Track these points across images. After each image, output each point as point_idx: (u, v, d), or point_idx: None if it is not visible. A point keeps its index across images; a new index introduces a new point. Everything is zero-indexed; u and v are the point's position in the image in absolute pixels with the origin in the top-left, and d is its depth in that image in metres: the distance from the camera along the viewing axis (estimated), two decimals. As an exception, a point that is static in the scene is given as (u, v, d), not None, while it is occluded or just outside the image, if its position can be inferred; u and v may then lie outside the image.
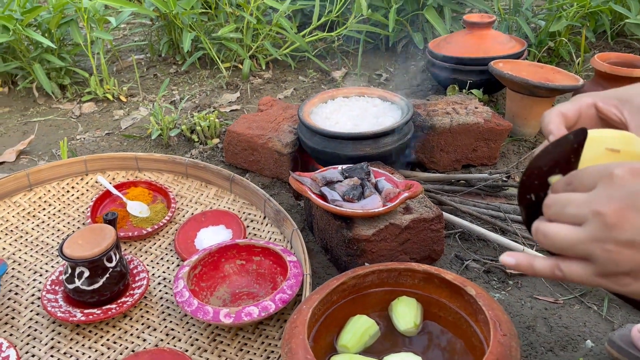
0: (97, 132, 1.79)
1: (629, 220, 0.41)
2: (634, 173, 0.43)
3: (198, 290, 1.02)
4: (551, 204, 0.48)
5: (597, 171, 0.45)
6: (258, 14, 2.12)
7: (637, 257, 0.41)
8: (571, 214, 0.45)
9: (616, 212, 0.41)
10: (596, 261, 0.43)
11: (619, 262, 0.41)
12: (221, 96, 2.01)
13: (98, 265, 0.97)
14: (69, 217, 1.23)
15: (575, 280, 0.45)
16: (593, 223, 0.43)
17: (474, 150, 1.45)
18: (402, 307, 0.89)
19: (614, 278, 0.42)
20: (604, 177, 0.44)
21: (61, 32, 1.99)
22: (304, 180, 1.10)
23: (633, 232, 0.40)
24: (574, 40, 2.12)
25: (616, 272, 0.42)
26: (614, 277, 0.42)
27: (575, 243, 0.44)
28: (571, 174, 0.49)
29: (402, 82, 2.06)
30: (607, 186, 0.43)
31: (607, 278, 0.43)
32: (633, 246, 0.41)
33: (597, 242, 0.42)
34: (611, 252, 0.41)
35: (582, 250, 0.44)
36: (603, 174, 0.44)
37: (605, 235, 0.42)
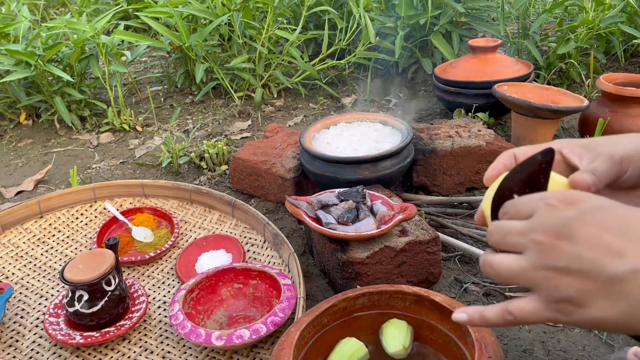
0: (112, 161, 1.85)
1: (563, 248, 0.42)
2: (567, 202, 0.44)
3: (195, 314, 1.04)
4: (493, 231, 0.49)
5: (533, 200, 0.47)
6: (269, 44, 2.17)
7: (574, 284, 0.42)
8: (511, 242, 0.47)
9: (551, 241, 0.43)
10: (540, 289, 0.44)
11: (559, 288, 0.42)
12: (233, 124, 2.06)
13: (97, 289, 1.00)
14: (76, 243, 1.27)
15: (526, 318, 0.46)
16: (532, 251, 0.44)
17: (477, 172, 1.45)
18: (392, 329, 0.88)
19: (559, 306, 0.43)
20: (539, 206, 0.46)
21: (81, 66, 2.09)
22: (300, 204, 1.12)
23: (567, 260, 0.42)
24: (585, 62, 2.11)
25: (559, 299, 0.43)
26: (559, 305, 0.43)
27: (518, 272, 0.45)
28: (506, 203, 0.51)
29: (411, 107, 2.08)
30: (543, 215, 0.45)
31: (553, 308, 0.44)
32: (569, 273, 0.42)
33: (538, 270, 0.44)
34: (551, 279, 0.43)
35: (526, 278, 0.45)
36: (539, 203, 0.46)
37: (544, 263, 0.43)
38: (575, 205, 0.44)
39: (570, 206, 0.44)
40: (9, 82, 2.08)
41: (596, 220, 0.42)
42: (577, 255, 0.41)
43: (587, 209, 0.43)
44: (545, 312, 0.44)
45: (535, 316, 0.45)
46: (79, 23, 1.98)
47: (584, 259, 0.41)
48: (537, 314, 0.45)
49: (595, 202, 0.44)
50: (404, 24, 2.06)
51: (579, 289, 0.41)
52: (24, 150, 2.01)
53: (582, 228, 0.42)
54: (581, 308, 0.42)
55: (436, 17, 2.12)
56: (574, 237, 0.42)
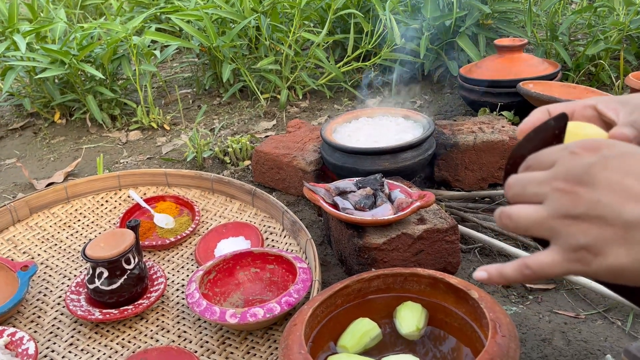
0: (139, 157, 1.89)
1: (583, 194, 0.41)
2: (588, 148, 0.43)
3: (212, 295, 1.05)
4: (512, 184, 0.48)
5: (555, 150, 0.46)
6: (296, 47, 2.20)
7: (592, 230, 0.40)
8: (532, 192, 0.46)
9: (571, 187, 0.42)
10: (558, 238, 0.43)
11: (577, 236, 0.41)
12: (258, 124, 2.08)
13: (116, 266, 1.02)
14: (100, 228, 1.30)
15: (545, 270, 0.44)
16: (552, 199, 0.43)
17: (500, 168, 1.43)
18: (406, 311, 0.88)
19: (577, 255, 0.42)
20: (561, 155, 0.45)
21: (113, 66, 2.15)
22: (318, 190, 1.12)
23: (586, 206, 0.41)
24: (615, 65, 2.06)
25: (577, 247, 0.41)
26: (577, 253, 0.42)
27: (537, 220, 0.44)
28: (529, 157, 0.50)
29: (435, 108, 2.07)
30: (564, 162, 0.44)
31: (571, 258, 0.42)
32: (587, 219, 0.41)
33: (557, 218, 0.43)
34: (569, 226, 0.42)
35: (546, 227, 0.44)
36: (561, 152, 0.45)
37: (563, 210, 0.42)
38: (598, 151, 0.42)
39: (592, 152, 0.42)
40: (44, 81, 2.16)
41: (618, 165, 0.41)
42: (596, 200, 0.40)
43: (610, 155, 0.42)
44: (563, 262, 0.43)
45: (553, 267, 0.44)
46: (112, 24, 2.05)
47: (602, 204, 0.40)
48: (555, 265, 0.43)
49: (619, 147, 0.43)
50: (429, 26, 2.06)
51: (597, 235, 0.40)
52: (56, 146, 2.08)
53: (603, 173, 0.41)
54: (599, 256, 0.40)
55: (462, 20, 2.11)
56: (594, 183, 0.41)
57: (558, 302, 1.04)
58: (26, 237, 1.26)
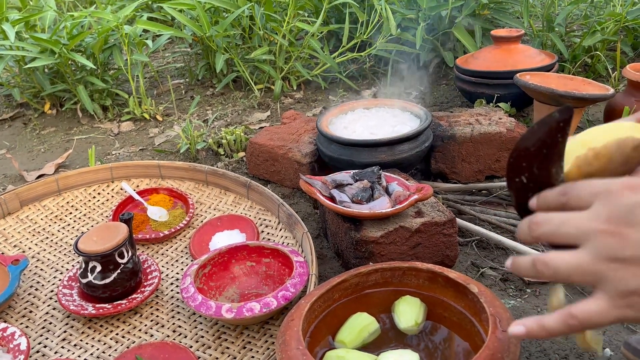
0: (131, 148, 1.86)
1: (630, 236, 0.39)
2: (631, 187, 0.41)
3: (207, 289, 1.03)
4: (541, 222, 0.46)
5: (593, 187, 0.44)
6: (290, 37, 2.17)
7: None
8: (569, 233, 0.43)
9: (616, 229, 0.40)
10: (605, 284, 0.41)
11: (627, 280, 0.39)
12: (252, 115, 2.06)
13: (110, 260, 1.00)
14: (93, 221, 1.28)
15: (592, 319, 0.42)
16: (594, 242, 0.41)
17: (497, 160, 1.42)
18: (405, 305, 0.87)
19: (628, 300, 0.40)
20: (600, 194, 0.43)
21: (104, 56, 2.11)
22: (314, 182, 1.11)
23: (634, 248, 0.39)
24: (612, 56, 2.06)
25: (627, 292, 0.39)
26: (627, 298, 0.40)
27: (580, 265, 0.42)
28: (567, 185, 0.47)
29: (431, 99, 2.05)
30: (605, 202, 0.42)
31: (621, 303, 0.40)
32: (636, 262, 0.39)
33: (602, 262, 0.40)
34: (617, 270, 0.39)
35: (590, 272, 0.41)
36: (600, 190, 0.43)
37: (608, 253, 0.40)
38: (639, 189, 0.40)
39: (634, 192, 0.40)
40: (34, 71, 2.12)
41: None
42: None
43: None
44: (612, 309, 0.41)
45: (602, 316, 0.41)
46: (103, 13, 2.01)
47: None
48: (604, 313, 0.41)
49: None
50: (425, 16, 2.04)
51: None
52: (46, 137, 2.05)
53: None
54: None
55: (458, 10, 2.09)
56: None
57: (556, 295, 1.03)
58: (17, 231, 1.24)
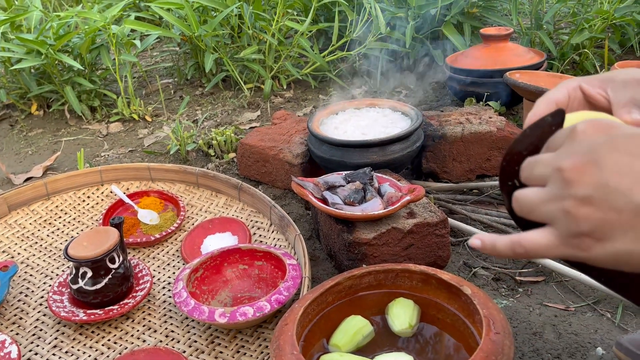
0: (120, 150, 1.85)
1: (588, 175, 0.38)
2: (596, 127, 0.41)
3: (199, 293, 1.03)
4: (524, 166, 0.46)
5: (564, 130, 0.44)
6: (279, 35, 2.17)
7: (595, 215, 0.38)
8: (538, 174, 0.44)
9: (575, 168, 0.39)
10: (557, 222, 0.41)
11: (578, 221, 0.39)
12: (242, 115, 2.05)
13: (100, 266, 0.99)
14: (82, 225, 1.27)
15: (538, 252, 0.43)
16: (554, 181, 0.41)
17: (488, 159, 1.42)
18: (398, 308, 0.87)
19: (576, 241, 0.39)
20: (568, 135, 0.43)
21: (92, 56, 2.09)
22: (306, 184, 1.10)
23: (591, 188, 0.38)
24: (599, 54, 2.07)
25: (577, 233, 0.39)
26: (576, 239, 0.39)
27: (537, 203, 0.42)
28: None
29: (421, 98, 2.05)
30: (569, 143, 0.42)
31: (570, 243, 0.40)
32: (591, 203, 0.38)
33: (556, 201, 0.40)
34: (570, 211, 0.39)
35: (544, 210, 0.41)
36: (568, 132, 0.43)
37: (564, 193, 0.39)
38: (606, 131, 0.40)
39: (600, 132, 0.40)
40: (20, 72, 2.09)
41: (628, 147, 0.38)
42: (603, 183, 0.37)
43: (619, 135, 0.39)
44: (560, 247, 0.41)
45: (548, 250, 0.42)
46: (90, 13, 1.99)
47: (610, 187, 0.37)
48: (550, 249, 0.41)
49: (628, 129, 0.40)
50: (414, 14, 2.04)
51: (602, 220, 0.37)
52: (34, 139, 2.02)
53: (610, 154, 0.38)
54: (601, 242, 0.38)
55: (447, 8, 2.10)
56: (600, 164, 0.38)
57: (548, 294, 1.04)
58: (5, 236, 1.22)
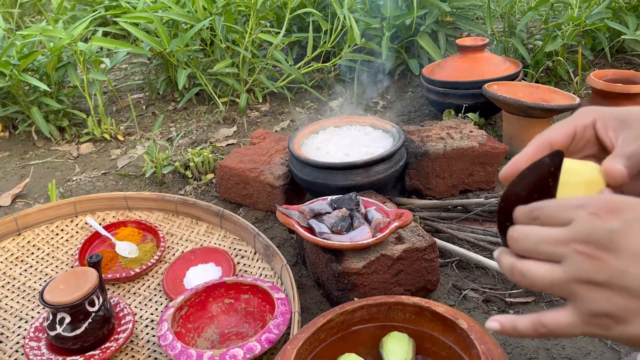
0: (93, 173, 1.79)
1: (607, 261, 0.39)
2: (610, 210, 0.41)
3: (184, 332, 0.99)
4: (519, 237, 0.46)
5: (570, 206, 0.43)
6: (253, 48, 2.13)
7: (615, 300, 0.39)
8: (547, 251, 0.43)
9: (594, 253, 0.40)
10: (577, 301, 0.41)
11: (599, 303, 0.40)
12: (218, 131, 2.01)
13: (79, 310, 0.94)
14: (57, 261, 1.21)
15: (561, 332, 0.43)
16: (572, 262, 0.41)
17: (471, 175, 1.41)
18: (393, 343, 0.84)
19: (597, 320, 0.41)
20: (578, 214, 0.42)
21: (58, 75, 2.02)
22: (291, 213, 1.07)
23: (611, 274, 0.39)
24: (572, 59, 2.09)
25: (599, 313, 0.40)
26: (597, 319, 0.41)
27: (556, 282, 0.42)
28: (535, 204, 0.47)
29: (399, 109, 2.04)
30: (584, 224, 0.41)
31: (591, 322, 0.41)
32: (612, 288, 0.39)
33: (578, 282, 0.41)
34: (592, 292, 0.40)
35: (565, 289, 0.42)
36: (578, 211, 0.42)
37: (585, 275, 0.40)
38: (620, 214, 0.40)
39: (614, 215, 0.40)
40: (-17, 93, 2.00)
41: None
42: (623, 270, 0.39)
43: (634, 219, 0.40)
44: (582, 325, 0.42)
45: (570, 330, 0.42)
46: (55, 30, 1.91)
47: (630, 275, 0.38)
48: (573, 328, 0.42)
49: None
50: (389, 25, 2.03)
51: (622, 305, 0.39)
52: (0, 163, 1.94)
53: (628, 240, 0.39)
54: (621, 324, 0.39)
55: (422, 17, 2.09)
56: (619, 250, 0.39)
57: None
58: (-26, 276, 1.16)
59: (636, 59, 2.20)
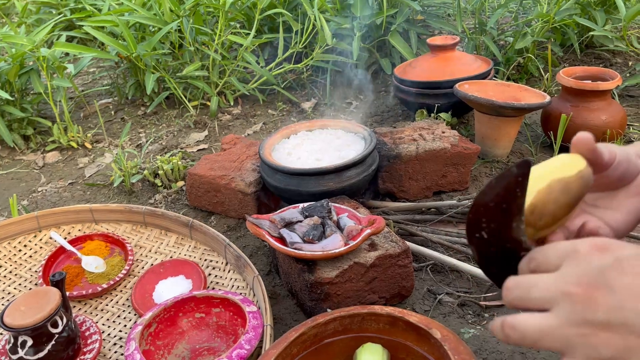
0: (59, 183, 1.73)
1: (601, 299, 0.37)
2: (599, 248, 0.40)
3: (154, 350, 0.96)
4: (511, 286, 0.43)
5: (561, 249, 0.42)
6: (223, 50, 2.09)
7: (614, 340, 0.36)
8: (537, 297, 0.41)
9: (587, 292, 0.38)
10: (575, 350, 0.38)
11: (598, 347, 0.37)
12: (189, 136, 1.97)
13: (42, 333, 0.90)
14: (20, 278, 1.17)
15: None
16: (564, 305, 0.39)
17: (444, 176, 1.41)
18: (367, 354, 0.83)
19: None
20: (569, 255, 0.41)
21: (21, 82, 1.95)
22: (262, 223, 1.05)
23: (607, 313, 0.37)
24: (543, 56, 2.10)
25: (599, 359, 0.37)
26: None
27: (548, 330, 0.39)
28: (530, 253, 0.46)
29: (372, 109, 2.03)
30: (574, 264, 0.40)
31: None
32: (609, 328, 0.36)
33: (572, 327, 0.38)
34: (588, 337, 0.37)
35: (558, 337, 0.39)
36: (568, 252, 0.41)
37: (579, 318, 0.38)
38: (609, 251, 0.39)
39: (603, 253, 0.39)
40: (-58, 102, 1.93)
41: (635, 268, 0.37)
42: (619, 306, 0.36)
43: (623, 256, 0.38)
44: None
45: None
46: (16, 36, 1.85)
47: (627, 310, 0.36)
48: None
49: (629, 249, 0.40)
50: (360, 25, 2.01)
51: (622, 345, 0.36)
52: (-38, 175, 1.87)
53: (620, 277, 0.37)
54: None
55: (392, 16, 2.08)
56: (612, 287, 0.37)
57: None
58: None
59: (605, 54, 2.23)
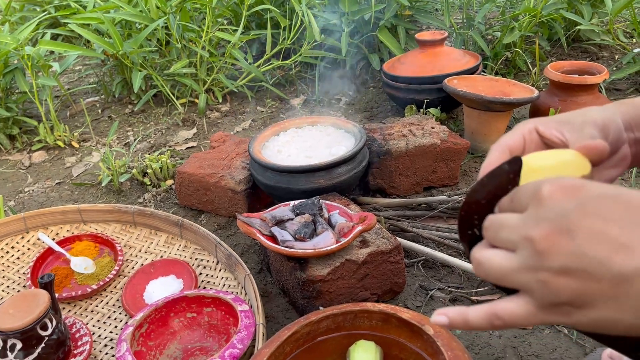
0: (47, 183, 1.71)
1: (561, 244, 0.36)
2: (563, 190, 0.38)
3: (145, 351, 0.95)
4: (488, 225, 0.43)
5: (528, 189, 0.41)
6: (210, 47, 2.07)
7: (574, 285, 0.35)
8: (504, 238, 0.40)
9: (547, 237, 0.36)
10: (533, 293, 0.38)
11: (556, 292, 0.36)
12: (177, 134, 1.95)
13: (31, 335, 0.89)
14: (8, 281, 1.15)
15: (517, 322, 0.40)
16: (524, 250, 0.38)
17: (434, 171, 1.41)
18: (360, 352, 0.83)
19: (556, 309, 0.37)
20: (533, 197, 0.39)
21: (6, 81, 1.93)
22: (253, 221, 1.04)
23: (567, 258, 0.35)
24: (530, 50, 2.11)
25: (556, 303, 0.37)
26: (555, 308, 0.37)
27: (508, 272, 0.39)
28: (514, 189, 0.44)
29: (362, 105, 2.03)
30: (536, 207, 0.39)
31: (549, 311, 0.38)
32: (567, 274, 0.35)
33: (530, 271, 0.37)
34: (546, 282, 0.36)
35: (517, 280, 0.38)
36: (533, 193, 0.40)
37: (537, 264, 0.37)
38: (575, 193, 0.37)
39: (568, 195, 0.37)
40: None
41: (600, 211, 0.36)
42: (579, 252, 0.35)
43: (588, 198, 0.36)
44: (539, 315, 0.38)
45: (528, 320, 0.39)
46: (0, 35, 1.82)
47: (587, 257, 0.35)
48: (530, 318, 0.39)
49: (597, 189, 0.37)
50: (348, 20, 2.01)
51: (581, 290, 0.35)
52: (-53, 176, 1.85)
53: (583, 220, 0.35)
54: (582, 309, 0.36)
55: (381, 12, 2.07)
56: (573, 231, 0.35)
57: (505, 313, 1.03)
58: None
59: (592, 48, 2.24)
